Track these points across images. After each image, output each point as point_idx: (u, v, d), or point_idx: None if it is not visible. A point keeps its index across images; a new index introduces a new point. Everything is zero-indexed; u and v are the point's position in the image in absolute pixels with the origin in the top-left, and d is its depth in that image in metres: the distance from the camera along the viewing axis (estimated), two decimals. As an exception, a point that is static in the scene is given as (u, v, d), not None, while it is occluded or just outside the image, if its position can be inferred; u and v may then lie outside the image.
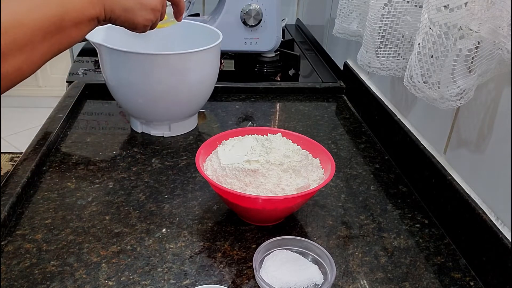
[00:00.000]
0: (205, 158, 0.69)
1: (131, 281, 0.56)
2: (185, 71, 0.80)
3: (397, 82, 0.86)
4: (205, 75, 0.84)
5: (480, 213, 0.59)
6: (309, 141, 0.72)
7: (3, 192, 0.66)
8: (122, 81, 0.82)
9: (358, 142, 0.91)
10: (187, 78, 0.81)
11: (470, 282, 0.59)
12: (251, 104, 1.06)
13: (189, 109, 0.88)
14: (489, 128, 0.59)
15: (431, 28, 0.53)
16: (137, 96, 0.82)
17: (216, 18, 1.13)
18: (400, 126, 0.82)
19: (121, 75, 0.81)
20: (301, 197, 0.61)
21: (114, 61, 0.81)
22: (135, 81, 0.80)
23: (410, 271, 0.60)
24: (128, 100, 0.85)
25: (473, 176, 0.63)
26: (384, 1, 0.67)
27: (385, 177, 0.80)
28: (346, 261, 0.61)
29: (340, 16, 0.88)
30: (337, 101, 1.10)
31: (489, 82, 0.58)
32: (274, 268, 0.57)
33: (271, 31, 1.15)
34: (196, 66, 0.81)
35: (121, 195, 0.71)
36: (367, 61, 0.73)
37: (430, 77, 0.56)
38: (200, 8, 1.62)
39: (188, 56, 0.79)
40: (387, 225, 0.68)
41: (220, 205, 0.70)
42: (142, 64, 0.78)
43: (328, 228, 0.67)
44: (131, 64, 0.79)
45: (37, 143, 0.80)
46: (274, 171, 0.62)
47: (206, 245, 0.62)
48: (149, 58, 0.78)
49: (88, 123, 0.93)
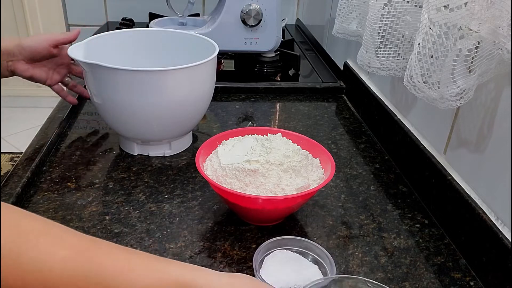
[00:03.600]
0: (205, 158, 0.69)
1: (131, 281, 0.56)
2: (182, 87, 0.74)
3: (397, 82, 0.86)
4: (201, 89, 0.78)
5: (480, 213, 0.59)
6: (309, 141, 0.72)
7: (3, 192, 0.66)
8: (115, 101, 0.74)
9: (358, 142, 0.91)
10: (182, 94, 0.75)
11: (470, 282, 0.59)
12: (251, 104, 1.06)
13: (188, 126, 0.83)
14: (489, 128, 0.59)
15: (431, 28, 0.53)
16: (131, 115, 0.75)
17: (216, 18, 1.13)
18: (400, 126, 0.82)
19: (111, 94, 0.73)
20: (301, 197, 0.61)
21: (109, 81, 0.72)
22: (125, 99, 0.73)
23: (410, 271, 0.60)
24: (122, 120, 0.77)
25: (473, 176, 0.63)
26: (384, 1, 0.67)
27: (385, 177, 0.80)
28: (346, 261, 0.61)
29: (339, 16, 0.88)
30: (337, 101, 1.10)
31: (489, 82, 0.58)
32: (274, 268, 0.56)
33: (271, 31, 1.14)
34: (191, 81, 0.75)
35: (121, 195, 0.71)
36: (367, 61, 0.73)
37: (430, 77, 0.56)
38: (200, 8, 1.62)
39: (185, 71, 0.73)
40: (387, 225, 0.68)
41: (220, 205, 0.70)
42: (146, 81, 0.71)
43: (328, 228, 0.67)
44: (125, 82, 0.71)
45: (37, 143, 0.80)
46: (274, 171, 0.62)
47: (206, 245, 0.62)
48: (147, 75, 0.71)
49: (88, 123, 0.93)
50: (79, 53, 0.76)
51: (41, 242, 0.40)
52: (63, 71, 0.88)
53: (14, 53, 0.80)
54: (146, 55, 0.88)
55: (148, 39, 0.89)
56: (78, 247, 0.41)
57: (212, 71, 0.80)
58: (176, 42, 0.88)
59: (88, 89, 0.77)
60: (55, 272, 0.39)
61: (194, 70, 0.74)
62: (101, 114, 0.80)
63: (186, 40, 0.87)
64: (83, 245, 0.42)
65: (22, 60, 0.81)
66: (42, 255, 0.39)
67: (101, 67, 0.70)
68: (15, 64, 0.81)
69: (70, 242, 0.41)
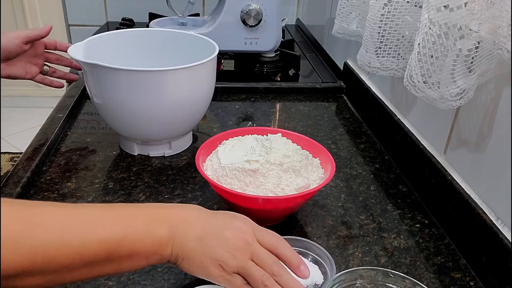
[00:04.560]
0: (205, 158, 0.69)
1: (131, 281, 0.56)
2: (182, 87, 0.74)
3: (397, 82, 0.86)
4: (201, 89, 0.78)
5: (480, 213, 0.59)
6: (309, 141, 0.72)
7: (3, 192, 0.66)
8: (115, 101, 0.74)
9: (358, 142, 0.91)
10: (182, 94, 0.75)
11: (470, 282, 0.59)
12: (251, 104, 1.06)
13: (189, 126, 0.82)
14: (489, 128, 0.59)
15: (431, 28, 0.53)
16: (132, 115, 0.74)
17: (216, 18, 1.13)
18: (400, 126, 0.82)
19: (111, 94, 0.73)
20: (301, 197, 0.61)
21: (109, 81, 0.72)
22: (125, 99, 0.72)
23: (410, 271, 0.60)
24: (122, 121, 0.77)
25: (473, 176, 0.63)
26: (384, 1, 0.67)
27: (385, 177, 0.80)
28: (346, 261, 0.61)
29: (339, 16, 0.88)
30: (337, 101, 1.10)
31: (489, 82, 0.58)
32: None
33: (271, 31, 1.14)
34: (191, 81, 0.75)
35: (121, 195, 0.71)
36: (367, 61, 0.73)
37: (430, 77, 0.56)
38: (200, 8, 1.62)
39: (185, 71, 0.73)
40: (387, 225, 0.68)
41: (220, 205, 0.70)
42: (146, 81, 0.71)
43: (328, 228, 0.67)
44: (125, 82, 0.71)
45: (37, 143, 0.80)
46: (274, 171, 0.62)
47: (206, 245, 0.62)
48: (148, 75, 0.70)
49: (88, 123, 0.93)
50: (79, 53, 0.75)
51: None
52: (39, 62, 0.88)
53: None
54: (146, 55, 0.87)
55: (148, 39, 0.88)
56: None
57: (212, 71, 0.80)
58: (176, 42, 0.88)
59: (88, 89, 0.77)
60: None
61: (194, 70, 0.74)
62: (101, 114, 0.80)
63: (186, 40, 0.87)
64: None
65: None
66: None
67: (101, 67, 0.70)
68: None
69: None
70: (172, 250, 0.47)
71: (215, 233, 0.48)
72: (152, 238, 0.46)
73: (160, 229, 0.46)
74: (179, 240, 0.47)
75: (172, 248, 0.47)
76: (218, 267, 0.47)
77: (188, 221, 0.49)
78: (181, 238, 0.47)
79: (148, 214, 0.48)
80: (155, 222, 0.47)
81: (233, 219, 0.51)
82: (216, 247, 0.47)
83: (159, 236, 0.46)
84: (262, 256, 0.49)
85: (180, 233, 0.47)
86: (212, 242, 0.48)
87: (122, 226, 0.45)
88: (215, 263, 0.47)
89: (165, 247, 0.46)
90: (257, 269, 0.48)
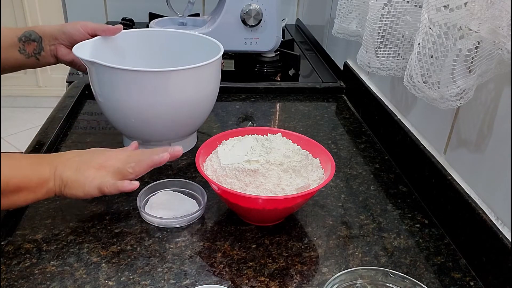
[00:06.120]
0: (205, 158, 0.69)
1: (131, 281, 0.56)
2: (188, 87, 0.74)
3: (397, 82, 0.86)
4: (206, 90, 0.78)
5: (480, 213, 0.59)
6: (309, 141, 0.72)
7: (3, 192, 0.66)
8: (119, 101, 0.74)
9: (358, 142, 0.91)
10: (187, 94, 0.75)
11: (470, 282, 0.59)
12: (251, 104, 1.06)
13: (192, 126, 0.83)
14: (489, 128, 0.59)
15: (431, 28, 0.53)
16: (137, 116, 0.75)
17: (216, 18, 1.13)
18: (400, 126, 0.82)
19: (116, 94, 0.73)
20: (301, 197, 0.61)
21: (114, 81, 0.72)
22: (130, 99, 0.73)
23: (410, 271, 0.60)
24: (126, 120, 0.77)
25: (473, 176, 0.63)
26: (384, 1, 0.67)
27: (385, 177, 0.80)
28: (346, 261, 0.61)
29: (339, 16, 0.88)
30: (337, 101, 1.10)
31: (489, 82, 0.58)
32: (156, 205, 0.67)
33: (271, 31, 1.15)
34: (196, 82, 0.75)
35: (121, 195, 0.71)
36: (367, 61, 0.73)
37: (430, 77, 0.56)
38: (200, 8, 1.62)
39: (191, 72, 0.73)
40: (387, 225, 0.68)
41: (220, 205, 0.70)
42: (149, 81, 0.71)
43: (328, 228, 0.67)
44: (129, 82, 0.71)
45: (37, 143, 0.80)
46: (274, 171, 0.62)
47: (206, 245, 0.62)
48: (149, 75, 0.71)
49: (88, 123, 0.93)
50: (85, 52, 0.76)
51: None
52: None
53: (56, 37, 0.81)
54: (149, 55, 0.88)
55: (152, 39, 0.89)
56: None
57: (217, 71, 0.80)
58: (180, 42, 0.88)
59: (93, 88, 0.77)
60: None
61: (199, 71, 0.74)
62: (105, 113, 0.79)
63: (190, 40, 0.88)
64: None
65: (63, 44, 0.82)
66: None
67: (107, 67, 0.70)
68: (57, 48, 0.82)
69: None
70: (55, 182, 0.60)
71: (88, 162, 0.62)
72: (38, 176, 0.59)
73: (42, 169, 0.59)
74: (59, 174, 0.60)
75: (54, 181, 0.60)
76: (93, 170, 0.62)
77: (65, 158, 0.62)
78: (60, 172, 0.60)
79: (33, 160, 0.62)
80: (38, 165, 0.60)
81: (104, 151, 0.66)
82: (88, 170, 0.61)
83: (42, 173, 0.59)
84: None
85: (60, 168, 0.60)
86: (84, 167, 0.61)
87: (12, 169, 0.57)
88: (89, 170, 0.62)
89: (48, 181, 0.59)
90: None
